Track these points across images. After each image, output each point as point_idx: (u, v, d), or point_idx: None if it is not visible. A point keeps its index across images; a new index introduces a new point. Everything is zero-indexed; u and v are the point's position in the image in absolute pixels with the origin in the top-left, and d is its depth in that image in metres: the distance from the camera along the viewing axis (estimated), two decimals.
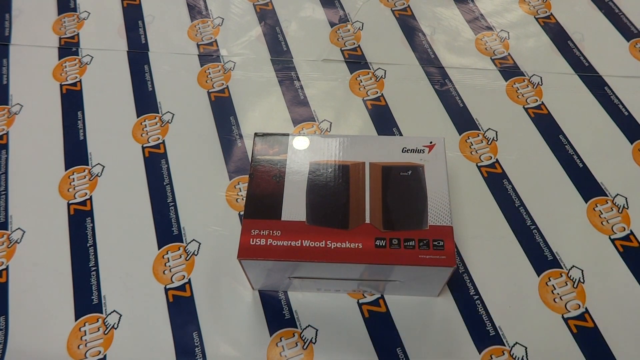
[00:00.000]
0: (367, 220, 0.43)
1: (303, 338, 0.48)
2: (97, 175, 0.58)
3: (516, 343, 0.47)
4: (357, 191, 0.44)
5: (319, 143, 0.47)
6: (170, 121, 0.62)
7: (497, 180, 0.56)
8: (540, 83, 0.64)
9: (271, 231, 0.42)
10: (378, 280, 0.46)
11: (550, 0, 0.71)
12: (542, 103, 0.62)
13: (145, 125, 0.61)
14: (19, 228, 0.55)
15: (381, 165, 0.45)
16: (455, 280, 0.50)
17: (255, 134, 0.48)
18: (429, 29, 0.69)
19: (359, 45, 0.68)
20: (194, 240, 0.53)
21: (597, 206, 0.54)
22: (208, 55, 0.67)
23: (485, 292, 0.50)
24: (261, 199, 0.44)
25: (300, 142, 0.47)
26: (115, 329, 0.49)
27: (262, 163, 0.46)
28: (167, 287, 0.51)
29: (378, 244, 0.42)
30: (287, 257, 0.41)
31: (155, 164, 0.58)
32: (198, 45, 0.68)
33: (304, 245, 0.42)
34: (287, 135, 0.48)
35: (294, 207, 0.43)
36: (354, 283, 0.47)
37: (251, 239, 0.42)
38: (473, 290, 0.50)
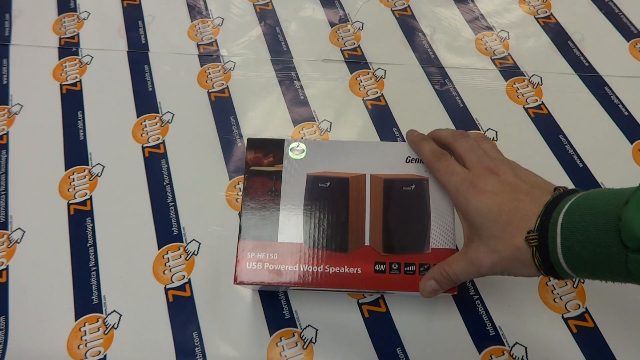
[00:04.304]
0: (367, 243, 0.41)
1: (303, 338, 0.48)
2: (97, 175, 0.58)
3: (516, 343, 0.47)
4: (356, 209, 0.42)
5: (317, 151, 0.44)
6: (170, 121, 0.62)
7: None
8: (540, 83, 0.64)
9: (268, 254, 0.41)
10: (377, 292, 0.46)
11: (550, 0, 0.71)
12: (542, 103, 0.62)
13: (145, 125, 0.61)
14: (19, 228, 0.55)
15: (383, 178, 0.43)
16: None
17: (248, 140, 0.45)
18: (429, 29, 0.69)
19: (359, 45, 0.68)
20: (194, 240, 0.53)
21: None
22: (208, 55, 0.67)
23: (485, 292, 0.50)
24: (257, 218, 0.42)
25: (296, 150, 0.45)
26: (115, 329, 0.49)
27: (257, 175, 0.44)
28: (167, 287, 0.51)
29: (377, 268, 0.41)
30: (284, 283, 0.41)
31: (155, 164, 0.58)
32: (198, 45, 0.68)
33: (302, 270, 0.41)
34: (282, 140, 0.45)
35: (291, 228, 0.42)
36: None
37: (247, 263, 0.41)
38: (473, 290, 0.50)
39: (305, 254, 0.41)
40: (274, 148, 0.45)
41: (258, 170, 0.44)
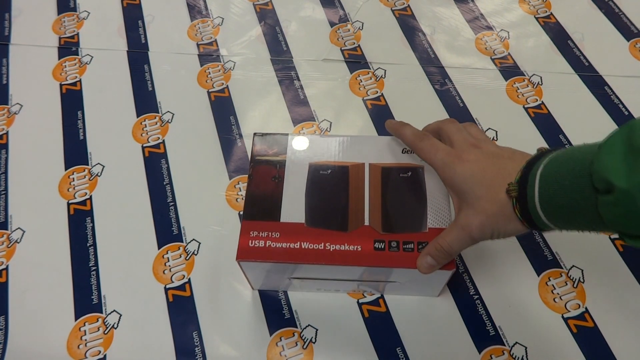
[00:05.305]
0: (366, 223, 0.43)
1: (303, 338, 0.48)
2: (97, 175, 0.58)
3: (516, 343, 0.47)
4: (356, 193, 0.44)
5: (319, 143, 0.47)
6: (170, 121, 0.62)
7: None
8: (540, 83, 0.64)
9: (270, 233, 0.42)
10: (378, 282, 0.46)
11: (550, 0, 0.71)
12: (542, 103, 0.62)
13: (145, 125, 0.61)
14: (19, 228, 0.55)
15: (381, 166, 0.45)
16: (455, 280, 0.50)
17: (255, 134, 0.48)
18: (429, 29, 0.69)
19: (359, 45, 0.68)
20: (193, 239, 0.53)
21: None
22: (208, 55, 0.67)
23: (485, 292, 0.50)
24: (260, 201, 0.44)
25: (299, 143, 0.47)
26: (115, 328, 0.49)
27: (262, 164, 0.46)
28: (167, 286, 0.51)
29: (377, 246, 0.42)
30: (285, 259, 0.41)
31: (155, 164, 0.58)
32: (198, 45, 0.68)
33: (303, 247, 0.42)
34: (287, 135, 0.48)
35: (293, 209, 0.43)
36: (354, 283, 0.47)
37: (250, 241, 0.42)
38: (473, 290, 0.50)
39: (307, 233, 0.42)
40: (278, 141, 0.47)
41: (263, 159, 0.46)
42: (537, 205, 0.33)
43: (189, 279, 0.51)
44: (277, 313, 0.49)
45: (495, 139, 0.59)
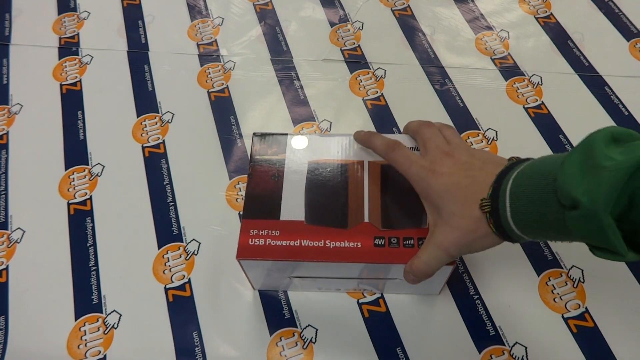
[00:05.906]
0: (366, 220, 0.43)
1: (303, 338, 0.48)
2: (97, 175, 0.58)
3: (516, 343, 0.47)
4: (356, 190, 0.44)
5: (318, 142, 0.47)
6: (170, 121, 0.62)
7: None
8: (540, 83, 0.64)
9: (270, 231, 0.42)
10: (378, 279, 0.46)
11: (550, 0, 0.71)
12: (542, 103, 0.62)
13: (145, 125, 0.61)
14: (19, 228, 0.55)
15: (380, 164, 0.45)
16: (455, 280, 0.50)
17: (254, 134, 0.48)
18: (429, 29, 0.69)
19: (359, 45, 0.68)
20: (193, 239, 0.53)
21: None
22: (208, 55, 0.67)
23: (485, 292, 0.50)
24: (260, 199, 0.44)
25: (298, 142, 0.47)
26: (115, 328, 0.49)
27: (261, 163, 0.46)
28: (167, 286, 0.51)
29: (377, 242, 0.42)
30: (286, 257, 0.41)
31: (155, 164, 0.58)
32: (198, 45, 0.68)
33: (303, 245, 0.42)
34: (286, 135, 0.48)
35: (293, 207, 0.43)
36: (354, 282, 0.47)
37: (250, 239, 0.42)
38: (473, 290, 0.50)
39: (307, 230, 0.42)
40: (277, 140, 0.47)
41: (262, 158, 0.46)
42: (509, 220, 0.34)
43: (189, 279, 0.51)
44: (277, 313, 0.49)
45: (495, 139, 0.59)
